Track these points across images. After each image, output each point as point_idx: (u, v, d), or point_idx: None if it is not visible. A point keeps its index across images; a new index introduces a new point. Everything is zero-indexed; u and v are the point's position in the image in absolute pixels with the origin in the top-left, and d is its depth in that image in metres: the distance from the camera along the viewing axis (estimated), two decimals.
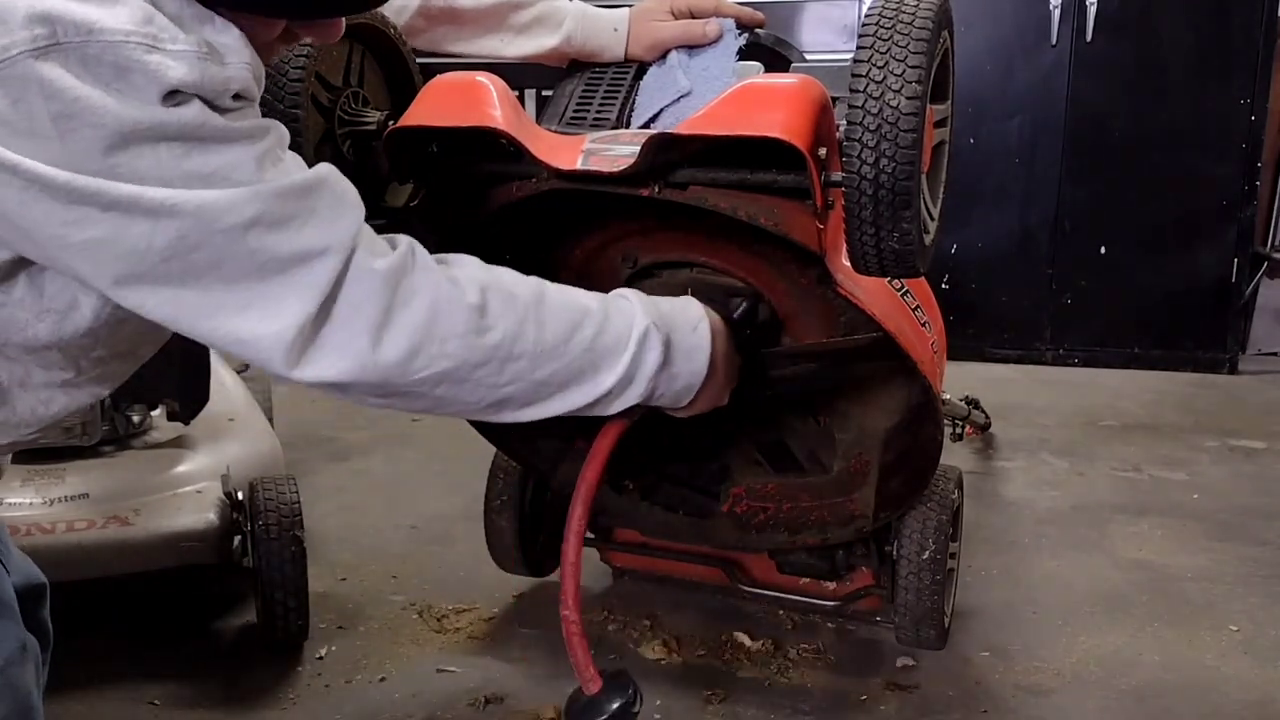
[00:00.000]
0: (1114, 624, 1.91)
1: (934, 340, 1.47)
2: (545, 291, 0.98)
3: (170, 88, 0.73)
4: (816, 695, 1.67)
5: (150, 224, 0.75)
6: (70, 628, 1.36)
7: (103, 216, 0.74)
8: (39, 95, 0.70)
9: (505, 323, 0.93)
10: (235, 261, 0.79)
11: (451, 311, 0.89)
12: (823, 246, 1.18)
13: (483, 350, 0.91)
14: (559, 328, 0.96)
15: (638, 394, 1.03)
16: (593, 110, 1.39)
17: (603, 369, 1.00)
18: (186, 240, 0.76)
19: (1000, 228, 4.00)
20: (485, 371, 0.92)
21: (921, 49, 0.98)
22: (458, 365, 0.90)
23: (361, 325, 0.85)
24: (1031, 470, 2.78)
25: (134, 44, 0.72)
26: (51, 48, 0.70)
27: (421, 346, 0.88)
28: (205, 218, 0.76)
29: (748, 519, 1.67)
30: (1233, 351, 3.91)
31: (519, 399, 0.97)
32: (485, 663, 1.78)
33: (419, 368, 0.88)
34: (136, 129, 0.73)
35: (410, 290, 0.87)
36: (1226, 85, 3.72)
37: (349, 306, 0.84)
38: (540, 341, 0.95)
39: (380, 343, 0.85)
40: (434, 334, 0.88)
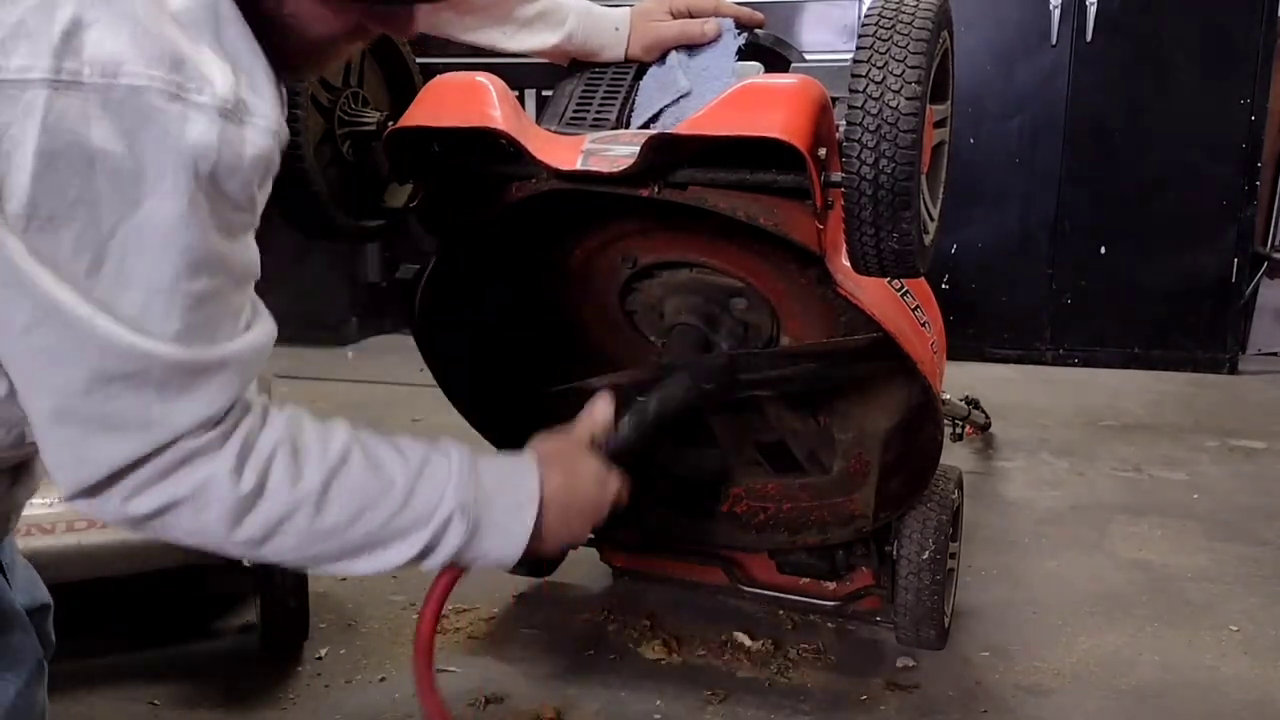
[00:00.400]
0: (1114, 624, 1.91)
1: (934, 340, 1.47)
2: (344, 469, 0.90)
3: (182, 144, 0.69)
4: (816, 695, 1.67)
5: (33, 318, 0.71)
6: (70, 628, 1.36)
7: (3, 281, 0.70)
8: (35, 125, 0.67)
9: (274, 506, 0.86)
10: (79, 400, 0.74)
11: (218, 494, 0.83)
12: (822, 247, 1.19)
13: (237, 532, 0.86)
14: (341, 514, 0.89)
15: (437, 564, 0.98)
16: (592, 110, 1.39)
17: (392, 547, 0.93)
18: (55, 355, 0.73)
19: (1000, 228, 4.00)
20: (236, 548, 0.88)
21: (921, 49, 0.98)
22: (205, 535, 0.85)
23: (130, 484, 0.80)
24: (1031, 470, 2.78)
25: (157, 90, 0.69)
26: (71, 85, 0.67)
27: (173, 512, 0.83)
28: (85, 346, 0.72)
29: (748, 519, 1.67)
30: (1233, 351, 3.91)
31: (290, 562, 0.92)
32: (485, 663, 1.78)
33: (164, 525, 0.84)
34: (112, 198, 0.69)
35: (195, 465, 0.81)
36: (1226, 85, 3.72)
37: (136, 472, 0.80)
38: (313, 527, 0.88)
39: (131, 501, 0.81)
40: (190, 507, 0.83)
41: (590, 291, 1.52)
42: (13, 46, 0.66)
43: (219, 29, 0.73)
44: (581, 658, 1.79)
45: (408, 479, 0.93)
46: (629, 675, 1.72)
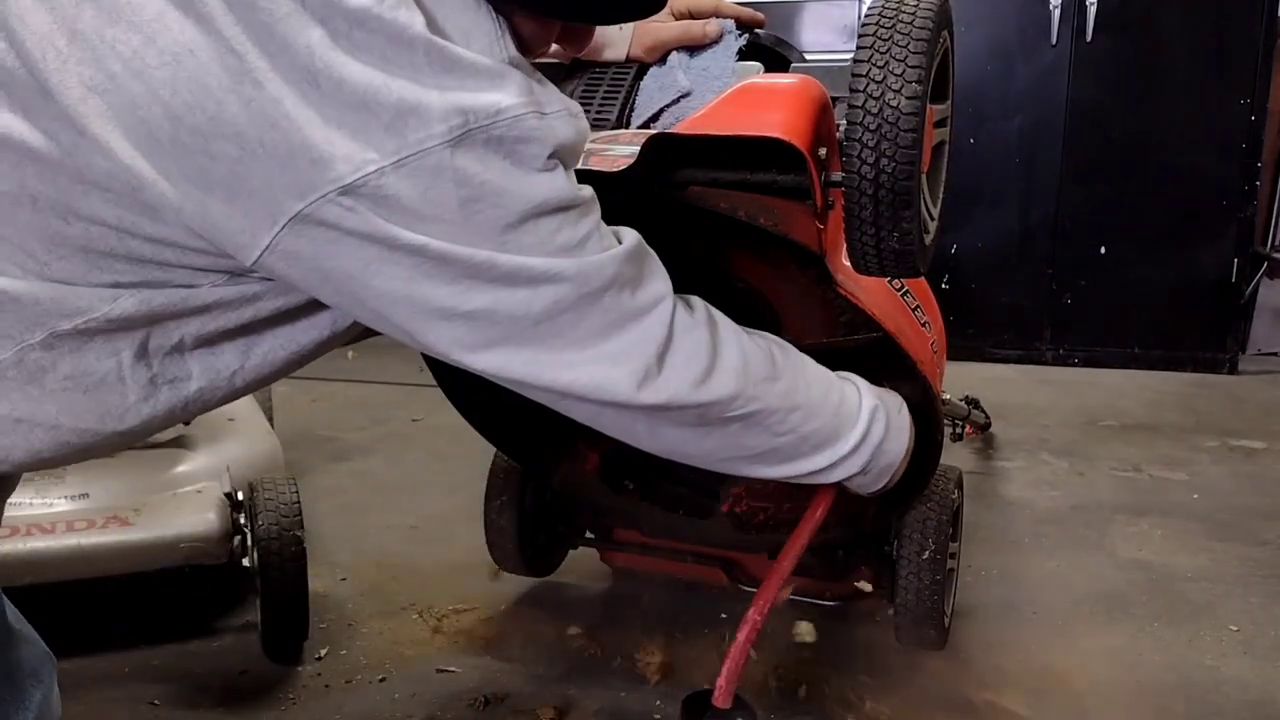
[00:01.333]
0: (1114, 624, 1.91)
1: (934, 340, 1.47)
2: (801, 355, 1.09)
3: (553, 149, 0.79)
4: (816, 695, 1.67)
5: (530, 291, 0.81)
6: (70, 628, 1.36)
7: (488, 287, 0.80)
8: (450, 183, 0.75)
9: (789, 375, 1.03)
10: (595, 318, 0.86)
11: (757, 357, 1.00)
12: (822, 247, 1.18)
13: (777, 396, 1.01)
14: (820, 387, 1.07)
15: (859, 464, 1.13)
16: (592, 110, 1.39)
17: (844, 433, 1.10)
18: (560, 304, 0.83)
19: (1000, 228, 4.01)
20: (775, 419, 1.02)
21: (921, 49, 0.98)
22: (761, 409, 1.00)
23: (696, 363, 0.94)
24: (1031, 470, 2.78)
25: (529, 114, 0.77)
26: (463, 136, 0.74)
27: (741, 389, 0.97)
28: (579, 282, 0.83)
29: (748, 519, 1.67)
30: (1233, 351, 3.91)
31: (781, 453, 1.06)
32: (485, 663, 1.78)
33: (736, 407, 0.98)
34: (529, 208, 0.79)
35: (724, 335, 0.98)
36: (1226, 85, 3.72)
37: (682, 345, 0.93)
38: (810, 397, 1.05)
39: (709, 379, 0.95)
40: (749, 377, 0.98)
41: None
42: (402, 125, 0.73)
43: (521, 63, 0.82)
44: (581, 658, 1.79)
45: (832, 378, 1.13)
46: (629, 675, 1.72)
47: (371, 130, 0.72)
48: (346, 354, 4.18)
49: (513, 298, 0.81)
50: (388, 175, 0.73)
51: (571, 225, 0.83)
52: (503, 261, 0.79)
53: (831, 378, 1.11)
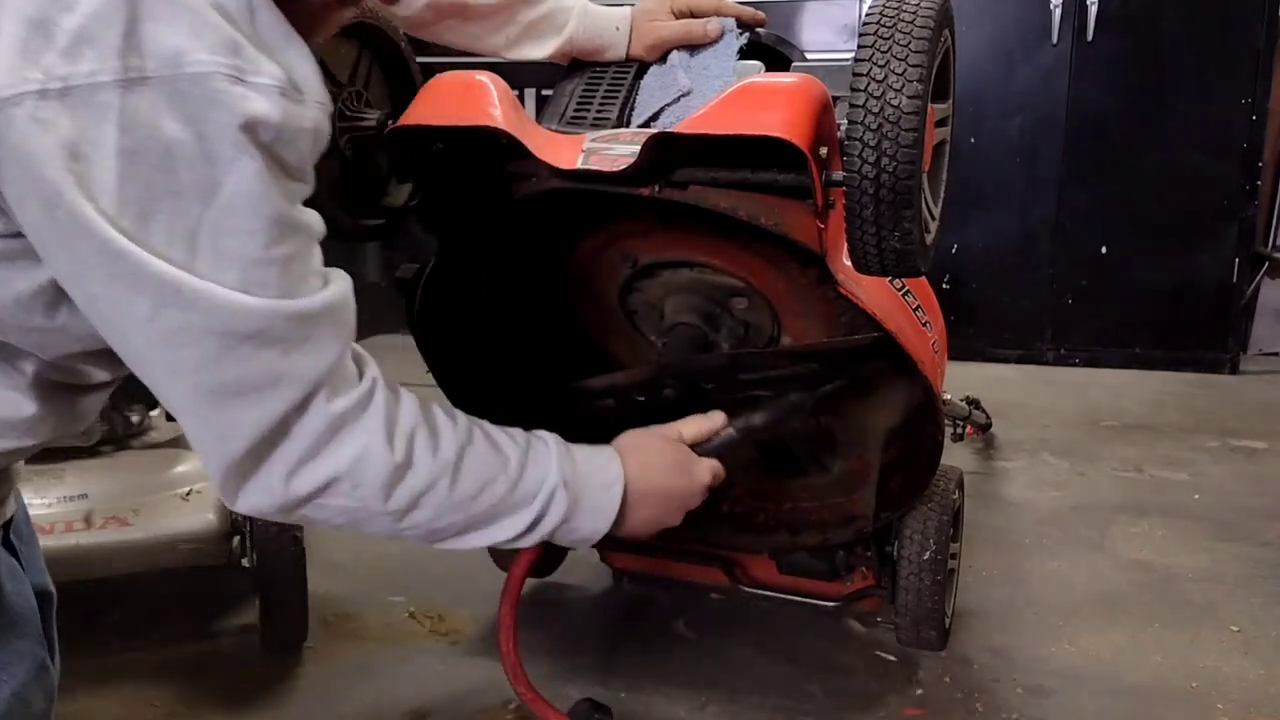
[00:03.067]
0: (1115, 624, 1.91)
1: (935, 340, 1.47)
2: (471, 444, 0.97)
3: (245, 123, 0.71)
4: (817, 696, 1.67)
5: (151, 303, 0.73)
6: (70, 628, 1.35)
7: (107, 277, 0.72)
8: (114, 126, 0.69)
9: (419, 478, 0.92)
10: (215, 370, 0.77)
11: (374, 466, 0.88)
12: (823, 246, 1.18)
13: (389, 503, 0.91)
14: (472, 484, 0.97)
15: (533, 540, 1.05)
16: (593, 109, 1.39)
17: (505, 521, 1.01)
18: (183, 334, 0.75)
19: (1001, 228, 4.00)
20: (385, 519, 0.93)
21: (922, 48, 0.98)
22: (359, 509, 0.90)
23: (288, 458, 0.84)
24: (1032, 470, 2.78)
25: (220, 75, 0.70)
26: (140, 81, 0.69)
27: (332, 489, 0.87)
28: (211, 317, 0.74)
29: (748, 519, 1.67)
30: (1234, 351, 3.91)
31: (419, 538, 0.98)
32: (485, 663, 1.77)
33: (322, 505, 0.88)
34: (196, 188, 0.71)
35: (349, 435, 0.86)
36: (1227, 85, 3.72)
37: (292, 440, 0.83)
38: (449, 498, 0.95)
39: (293, 478, 0.85)
40: (348, 481, 0.88)
41: (590, 291, 1.51)
42: (78, 53, 0.67)
43: (254, 15, 0.75)
44: (581, 659, 1.78)
45: (519, 456, 1.02)
46: (629, 675, 1.72)
47: (44, 51, 0.67)
48: None
49: (131, 302, 0.73)
50: (50, 100, 0.68)
51: (247, 237, 0.74)
52: (129, 251, 0.70)
53: (505, 465, 1.00)
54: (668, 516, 1.17)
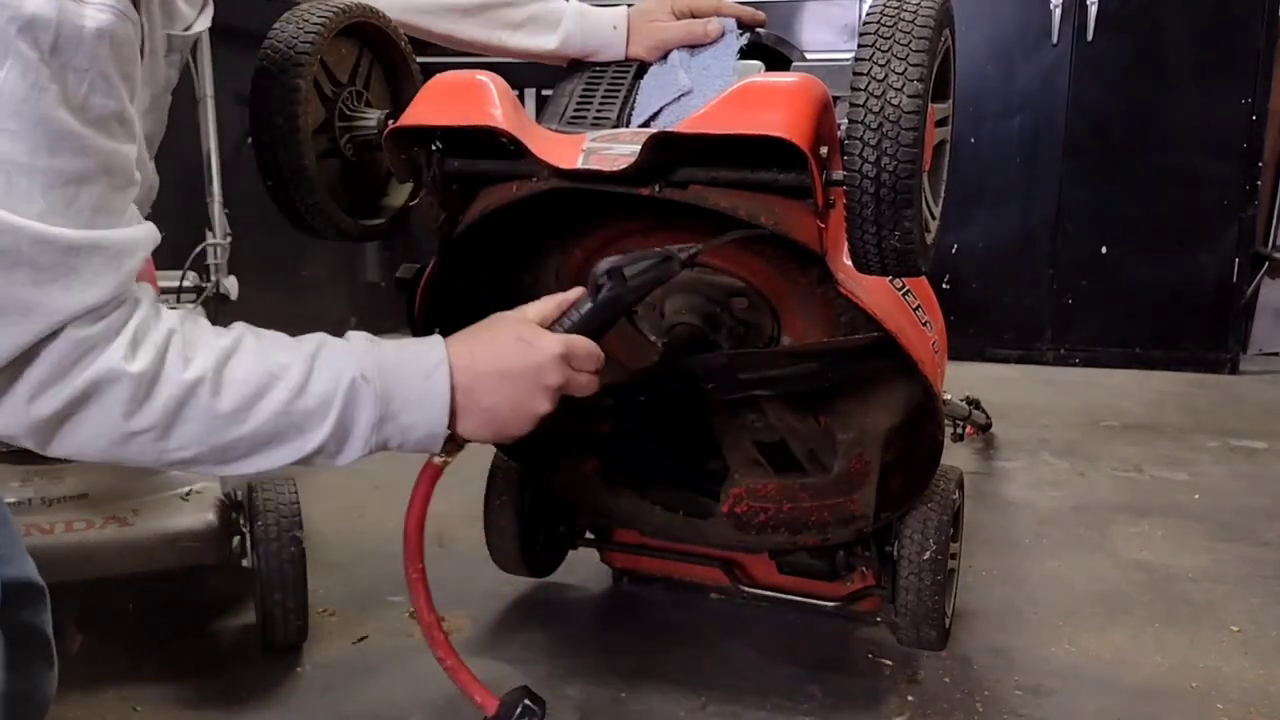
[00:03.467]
0: (1115, 624, 1.91)
1: (935, 340, 1.47)
2: (237, 351, 0.92)
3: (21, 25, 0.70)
4: (817, 695, 1.67)
5: None
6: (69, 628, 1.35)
7: None
8: None
9: (170, 389, 0.87)
10: None
11: (115, 383, 0.84)
12: (824, 246, 1.18)
13: (138, 420, 0.86)
14: (242, 392, 0.90)
15: (359, 449, 0.98)
16: (593, 109, 1.39)
17: (306, 430, 0.94)
18: None
19: (1001, 227, 4.00)
20: (144, 441, 0.88)
21: (923, 47, 0.98)
22: (112, 432, 0.86)
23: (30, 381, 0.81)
24: (1032, 470, 2.78)
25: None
26: None
27: (77, 412, 0.84)
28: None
29: (748, 519, 1.66)
30: (1234, 351, 3.91)
31: (203, 459, 0.92)
32: (485, 663, 1.77)
33: (71, 430, 0.85)
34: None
35: (91, 357, 0.83)
36: (1227, 85, 3.72)
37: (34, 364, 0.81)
38: (213, 409, 0.89)
39: (36, 400, 0.82)
40: (91, 400, 0.84)
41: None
42: None
43: None
44: (581, 659, 1.78)
45: (306, 357, 0.95)
46: (629, 674, 1.72)
47: None
48: None
49: None
50: None
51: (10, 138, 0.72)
52: None
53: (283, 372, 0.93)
54: (521, 401, 1.04)
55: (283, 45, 1.17)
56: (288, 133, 1.17)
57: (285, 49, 1.17)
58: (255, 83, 1.18)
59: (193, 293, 2.47)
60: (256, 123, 1.18)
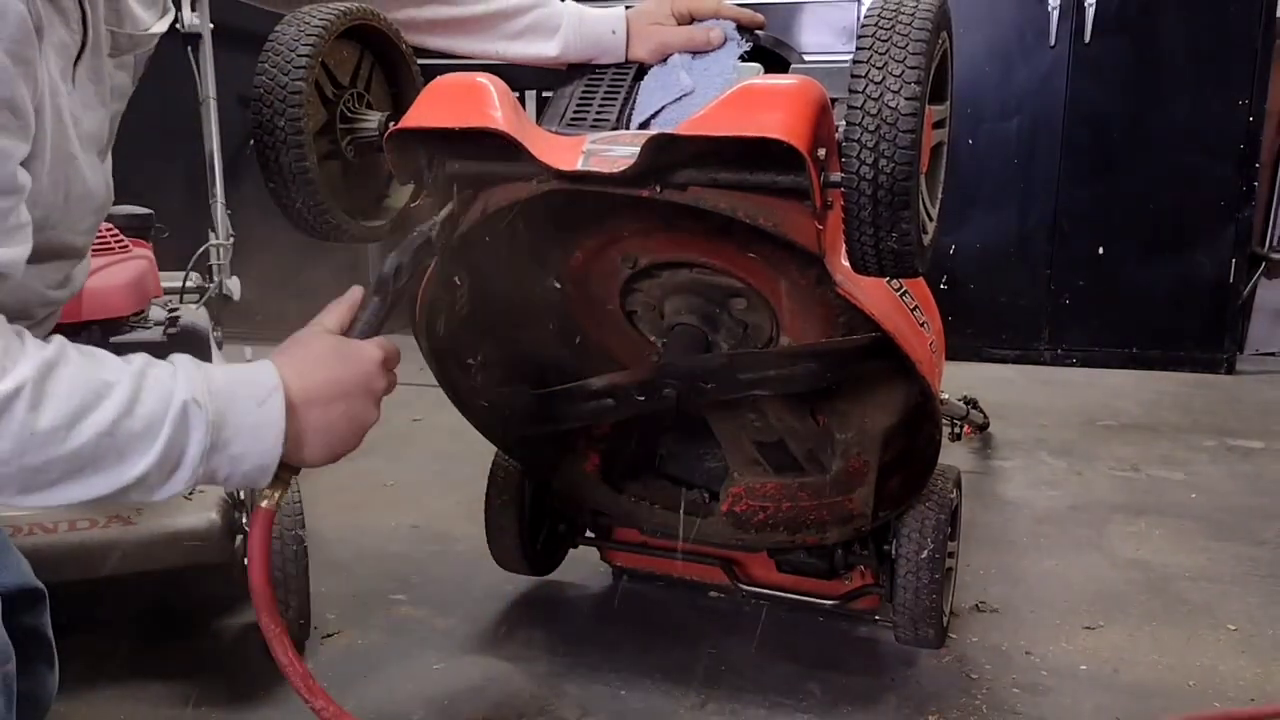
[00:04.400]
0: (1112, 623, 1.92)
1: (932, 340, 1.47)
2: (59, 365, 0.83)
3: None
4: (816, 694, 1.67)
5: None
6: (71, 628, 1.36)
7: None
8: None
9: None
10: None
11: None
12: (822, 247, 1.19)
13: None
14: (63, 409, 0.82)
15: (186, 479, 0.90)
16: (592, 111, 1.40)
17: (130, 455, 0.85)
18: None
19: (999, 228, 4.01)
20: None
21: (920, 49, 0.99)
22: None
23: None
24: (1030, 470, 2.79)
25: None
26: None
27: None
28: None
29: (747, 518, 1.67)
30: (1230, 351, 3.92)
31: (7, 483, 0.82)
32: (485, 662, 1.78)
33: None
34: None
35: None
36: (1225, 86, 3.73)
37: None
38: (29, 426, 0.80)
39: None
40: None
41: (590, 291, 1.52)
42: None
43: None
44: (581, 657, 1.79)
45: (133, 378, 0.87)
46: (629, 674, 1.73)
47: None
48: None
49: None
50: None
51: None
52: None
53: (108, 389, 0.85)
54: (355, 415, 1.01)
55: (284, 48, 1.18)
56: (289, 135, 1.18)
57: (287, 51, 1.18)
58: (257, 85, 1.18)
59: (195, 293, 2.47)
60: (258, 124, 1.19)
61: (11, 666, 1.04)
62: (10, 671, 1.03)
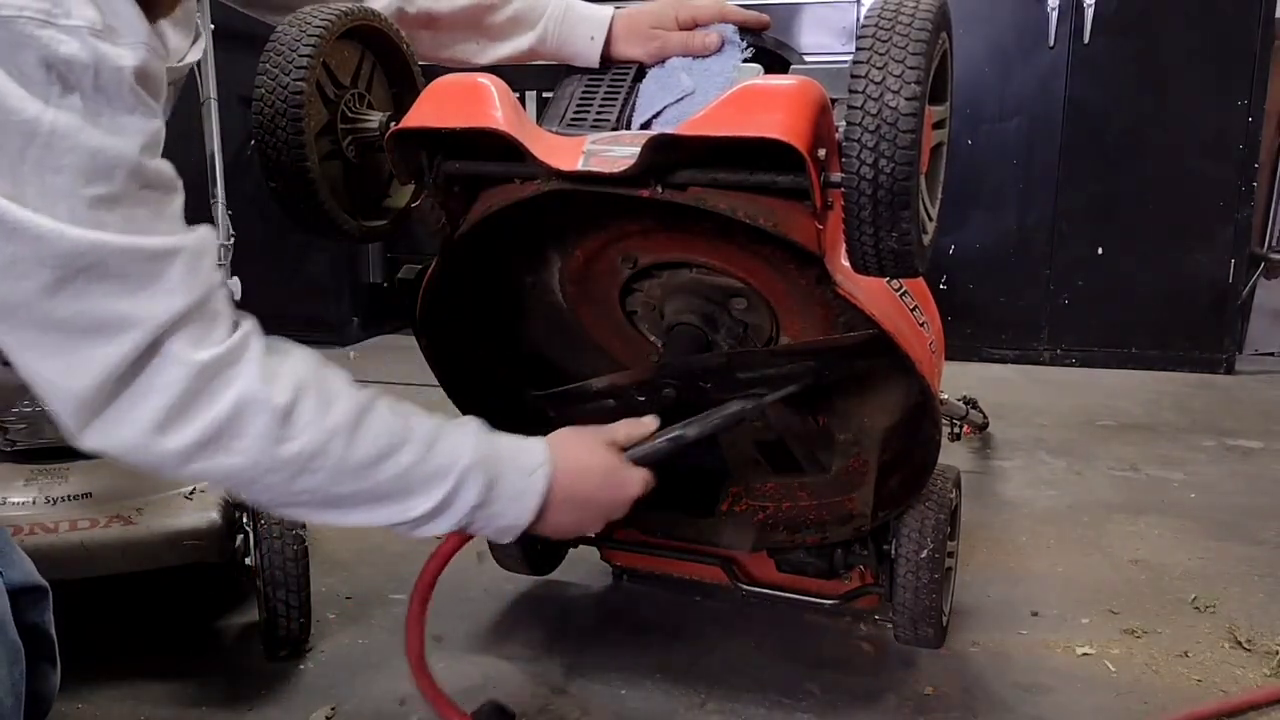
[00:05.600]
0: (1111, 622, 1.92)
1: (932, 340, 1.48)
2: (373, 409, 0.95)
3: (52, 64, 0.74)
4: (815, 694, 1.68)
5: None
6: (71, 627, 1.36)
7: None
8: None
9: (310, 435, 0.89)
10: (52, 303, 0.78)
11: (254, 414, 0.86)
12: (822, 247, 1.19)
13: (276, 459, 0.88)
14: (371, 449, 0.94)
15: (450, 524, 1.03)
16: (593, 112, 1.40)
17: (415, 496, 0.98)
18: (16, 267, 0.76)
19: (998, 228, 4.01)
20: (276, 478, 0.90)
21: (920, 50, 0.99)
22: (244, 468, 0.88)
23: (152, 409, 0.82)
24: (1029, 470, 2.79)
25: (28, 19, 0.73)
26: None
27: (208, 444, 0.85)
28: (40, 247, 0.75)
29: (746, 518, 1.68)
30: (1229, 352, 3.92)
31: (314, 504, 0.94)
32: (485, 662, 1.79)
33: (199, 463, 0.86)
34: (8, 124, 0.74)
35: (222, 385, 0.84)
36: (1224, 87, 3.73)
37: (148, 387, 0.82)
38: (345, 460, 0.92)
39: (165, 432, 0.84)
40: (226, 434, 0.85)
41: (590, 291, 1.52)
42: None
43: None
44: (581, 657, 1.79)
45: (430, 430, 1.00)
46: (629, 673, 1.73)
47: None
48: (348, 355, 4.19)
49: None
50: None
51: (71, 173, 0.76)
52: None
53: (410, 436, 0.98)
54: (589, 522, 1.16)
55: (285, 48, 1.18)
56: (290, 135, 1.18)
57: (288, 52, 1.18)
58: (258, 85, 1.19)
59: None
60: (260, 125, 1.19)
61: (21, 667, 1.04)
62: (20, 672, 1.04)
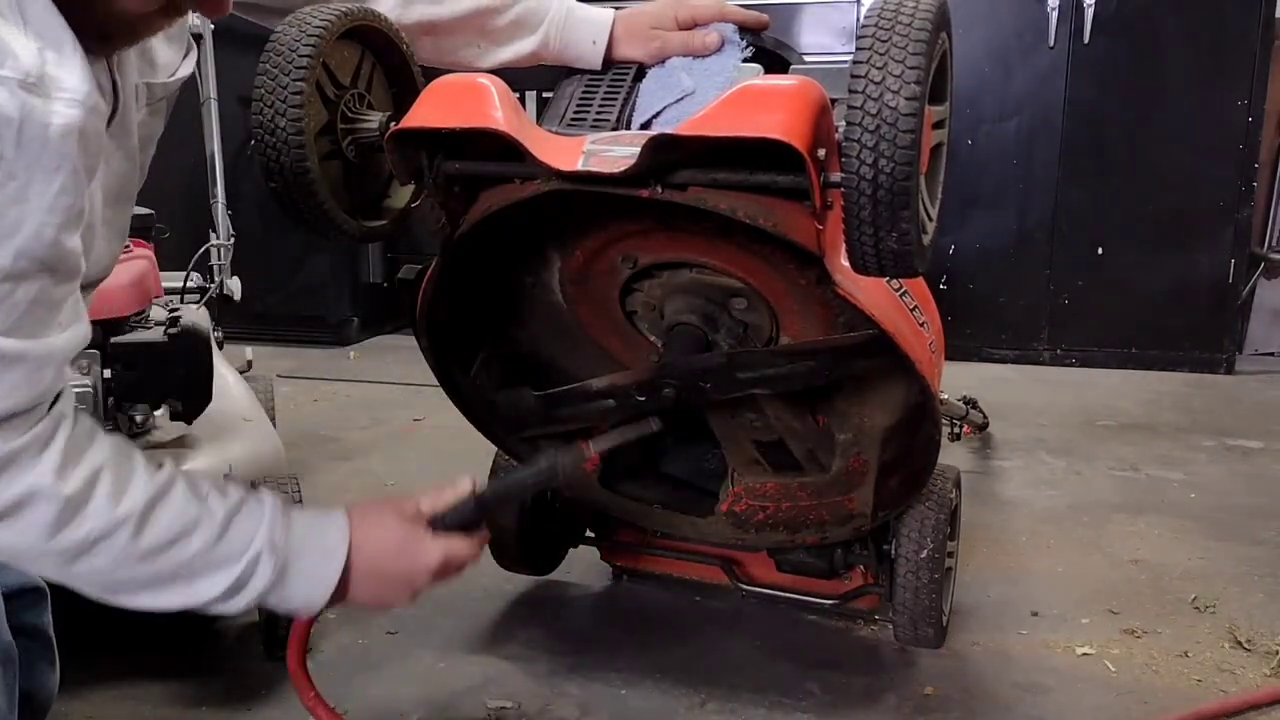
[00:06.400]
0: (1111, 622, 1.92)
1: (932, 340, 1.48)
2: (167, 495, 0.94)
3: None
4: (815, 694, 1.68)
5: None
6: (71, 627, 1.36)
7: None
8: None
9: (93, 523, 0.88)
10: None
11: (38, 503, 0.85)
12: (821, 247, 1.19)
13: (53, 544, 0.87)
14: (160, 536, 0.92)
15: (244, 605, 1.02)
16: (593, 112, 1.40)
17: (202, 580, 0.97)
18: None
19: (998, 228, 4.02)
20: (50, 561, 0.89)
21: (920, 50, 0.99)
22: (21, 547, 0.87)
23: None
24: (1029, 470, 2.79)
25: None
26: None
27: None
28: None
29: (747, 518, 1.68)
30: (1229, 352, 3.92)
31: (92, 585, 0.93)
32: (485, 661, 1.79)
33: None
34: None
35: (18, 472, 0.83)
36: (1224, 86, 3.73)
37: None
38: (131, 547, 0.90)
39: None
40: (8, 516, 0.84)
41: (590, 291, 1.52)
42: None
43: (23, 4, 0.74)
44: (581, 657, 1.79)
45: (227, 512, 0.98)
46: (629, 673, 1.73)
47: None
48: (348, 354, 4.19)
49: None
50: None
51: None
52: None
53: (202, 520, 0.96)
54: (391, 596, 1.15)
55: (285, 48, 1.18)
56: (290, 135, 1.18)
57: (288, 52, 1.18)
58: (258, 85, 1.19)
59: (196, 293, 2.48)
60: (259, 125, 1.19)
61: (14, 668, 1.04)
62: (13, 673, 1.04)
